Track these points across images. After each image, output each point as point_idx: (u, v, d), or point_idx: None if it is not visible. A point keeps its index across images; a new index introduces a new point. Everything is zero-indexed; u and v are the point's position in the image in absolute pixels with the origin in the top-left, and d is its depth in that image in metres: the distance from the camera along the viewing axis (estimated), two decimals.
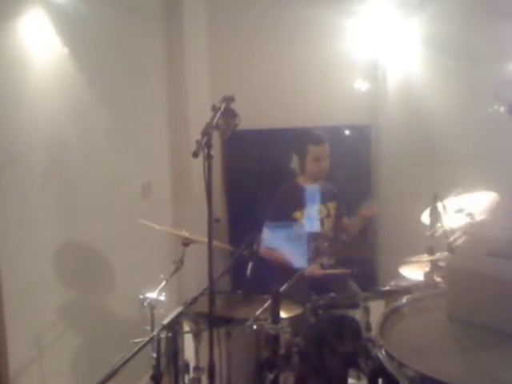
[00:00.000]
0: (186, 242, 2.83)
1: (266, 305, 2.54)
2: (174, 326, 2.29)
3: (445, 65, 3.59)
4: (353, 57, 4.11)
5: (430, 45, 3.78)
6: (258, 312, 2.54)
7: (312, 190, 3.41)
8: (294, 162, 3.47)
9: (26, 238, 2.54)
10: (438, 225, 2.63)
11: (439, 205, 2.65)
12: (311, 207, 3.39)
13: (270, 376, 2.51)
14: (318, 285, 3.04)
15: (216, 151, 2.09)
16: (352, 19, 4.03)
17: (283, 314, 2.61)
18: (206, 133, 1.95)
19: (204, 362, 2.53)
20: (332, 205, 3.51)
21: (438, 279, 2.69)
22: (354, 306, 2.67)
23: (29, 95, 2.55)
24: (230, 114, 2.07)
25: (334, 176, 3.55)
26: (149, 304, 2.70)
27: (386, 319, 1.81)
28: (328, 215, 3.48)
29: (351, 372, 2.60)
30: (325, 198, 3.46)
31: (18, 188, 2.49)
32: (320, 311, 2.66)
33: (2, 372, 2.27)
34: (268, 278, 2.81)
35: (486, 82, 3.21)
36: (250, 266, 2.50)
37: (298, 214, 3.36)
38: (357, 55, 4.11)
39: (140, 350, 2.10)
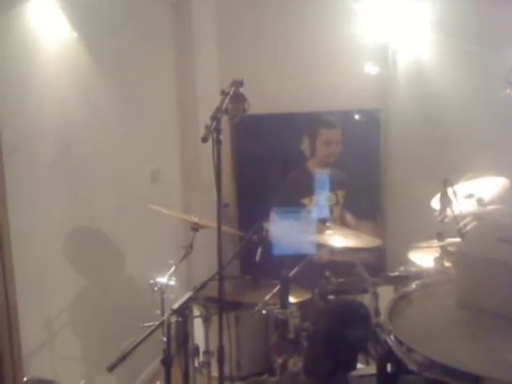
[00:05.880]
0: (196, 228, 2.84)
1: (275, 290, 2.55)
2: (183, 311, 2.31)
3: (456, 48, 3.55)
4: (363, 41, 4.07)
5: (441, 28, 3.74)
6: (267, 297, 2.55)
7: (322, 176, 3.41)
8: (305, 145, 3.47)
9: (37, 223, 2.56)
10: (448, 210, 2.62)
11: (449, 190, 2.64)
12: (320, 194, 3.39)
13: (279, 360, 2.53)
14: (327, 270, 3.04)
15: (225, 136, 2.09)
16: (362, 2, 3.98)
17: (292, 299, 2.62)
18: (215, 118, 1.95)
19: (213, 346, 2.56)
20: (341, 193, 3.51)
21: (447, 265, 2.68)
22: (363, 291, 2.67)
23: (38, 80, 2.55)
24: (239, 99, 2.06)
25: (343, 160, 3.54)
26: (159, 289, 2.72)
27: (395, 304, 1.81)
28: (337, 203, 3.48)
29: (360, 357, 2.61)
30: (334, 186, 3.45)
31: (28, 173, 2.49)
32: (329, 296, 2.67)
33: (15, 355, 2.30)
34: (277, 263, 2.81)
35: (498, 66, 3.16)
36: (259, 251, 2.51)
37: (306, 200, 3.36)
38: (367, 39, 4.08)
39: (150, 334, 2.13)
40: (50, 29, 2.59)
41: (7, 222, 2.29)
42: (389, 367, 1.65)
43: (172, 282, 2.73)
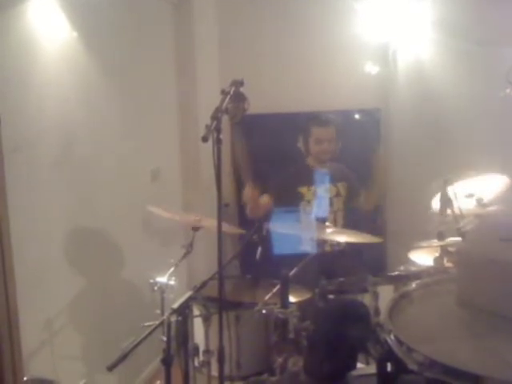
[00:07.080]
0: (196, 227, 2.84)
1: (275, 289, 2.55)
2: (183, 310, 2.31)
3: (456, 48, 3.55)
4: (363, 40, 4.07)
5: (442, 28, 3.73)
6: (267, 296, 2.55)
7: (321, 170, 3.42)
8: (300, 143, 3.50)
9: (37, 223, 2.55)
10: (448, 210, 2.62)
11: (450, 189, 2.64)
12: (320, 187, 3.40)
13: (279, 360, 2.52)
14: (327, 269, 3.04)
15: (225, 136, 2.08)
16: (363, 2, 3.98)
17: (292, 299, 2.61)
18: (216, 117, 1.95)
19: (213, 346, 2.56)
20: (342, 184, 3.50)
21: (447, 265, 2.68)
22: (363, 290, 2.67)
23: (38, 80, 2.54)
24: (239, 98, 2.06)
25: (343, 159, 3.55)
26: (159, 288, 2.72)
27: (395, 304, 1.81)
28: (338, 195, 3.48)
29: (360, 357, 2.61)
30: (334, 179, 3.46)
31: (28, 173, 2.49)
32: (329, 296, 2.66)
33: (15, 355, 2.29)
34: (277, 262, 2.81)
35: (498, 65, 3.16)
36: (259, 250, 2.51)
37: (304, 189, 3.37)
38: (367, 39, 4.07)
39: (150, 333, 2.13)
40: (50, 29, 2.58)
41: (7, 221, 2.29)
42: (389, 367, 1.65)
43: (172, 282, 2.73)
